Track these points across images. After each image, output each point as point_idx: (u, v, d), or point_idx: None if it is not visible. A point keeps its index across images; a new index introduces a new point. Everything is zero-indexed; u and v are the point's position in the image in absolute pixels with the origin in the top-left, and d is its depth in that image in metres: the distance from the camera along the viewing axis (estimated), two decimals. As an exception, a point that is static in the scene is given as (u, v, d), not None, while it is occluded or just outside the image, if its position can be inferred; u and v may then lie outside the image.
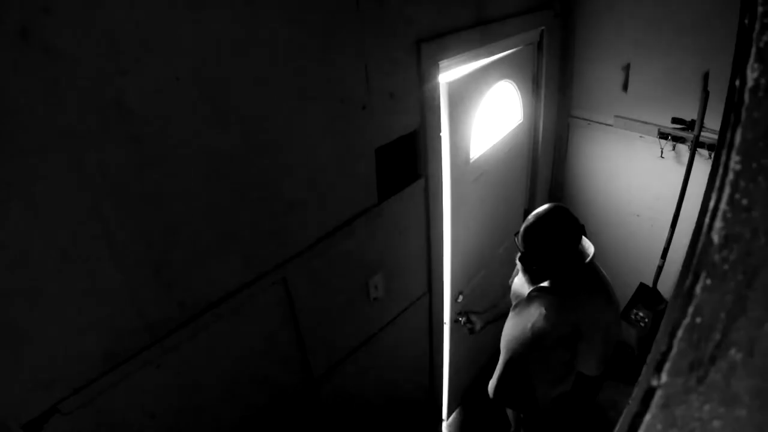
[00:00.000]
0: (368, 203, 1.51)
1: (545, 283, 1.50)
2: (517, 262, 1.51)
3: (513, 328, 1.64)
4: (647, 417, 0.36)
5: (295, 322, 1.41)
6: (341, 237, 1.44)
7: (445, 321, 2.14)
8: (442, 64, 1.56)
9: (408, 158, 1.62)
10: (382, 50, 1.34)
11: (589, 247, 1.49)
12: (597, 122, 2.35)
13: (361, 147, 1.40)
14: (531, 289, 1.53)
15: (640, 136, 2.20)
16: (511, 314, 1.68)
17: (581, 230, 1.44)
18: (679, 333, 0.33)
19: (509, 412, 2.04)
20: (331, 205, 1.39)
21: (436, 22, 1.49)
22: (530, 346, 1.54)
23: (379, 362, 1.87)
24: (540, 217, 1.41)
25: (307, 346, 1.48)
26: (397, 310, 1.85)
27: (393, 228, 1.66)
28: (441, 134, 1.68)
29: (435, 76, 1.55)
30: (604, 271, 1.51)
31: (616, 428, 0.42)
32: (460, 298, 2.14)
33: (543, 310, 1.49)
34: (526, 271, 1.49)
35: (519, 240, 1.45)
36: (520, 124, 2.24)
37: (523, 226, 1.44)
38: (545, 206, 1.45)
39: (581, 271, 1.44)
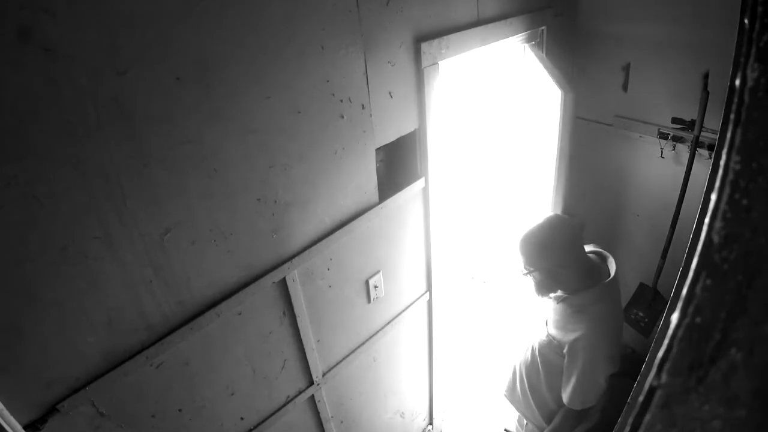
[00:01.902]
0: (368, 203, 1.51)
1: (553, 295, 1.45)
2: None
3: (531, 331, 1.65)
4: (647, 417, 0.36)
5: (293, 322, 1.41)
6: (341, 236, 1.44)
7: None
8: (442, 64, 1.56)
9: (408, 158, 1.62)
10: (381, 49, 1.34)
11: (609, 268, 1.43)
12: (597, 122, 2.35)
13: (361, 146, 1.40)
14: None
15: (640, 136, 2.20)
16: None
17: (577, 241, 1.38)
18: (679, 333, 0.33)
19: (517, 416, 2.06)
20: (331, 205, 1.39)
21: (436, 21, 1.49)
22: (530, 351, 1.54)
23: (379, 362, 1.87)
24: (533, 226, 1.40)
25: (306, 345, 1.48)
26: (397, 310, 1.85)
27: (393, 228, 1.66)
28: (442, 134, 1.68)
29: (435, 76, 1.55)
30: (617, 300, 1.43)
31: (616, 427, 0.42)
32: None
33: (546, 318, 1.49)
34: (532, 279, 1.45)
35: (517, 253, 1.42)
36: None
37: (520, 234, 1.43)
38: (543, 216, 1.42)
39: (594, 291, 1.37)
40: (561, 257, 1.35)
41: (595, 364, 1.34)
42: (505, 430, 1.90)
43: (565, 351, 1.37)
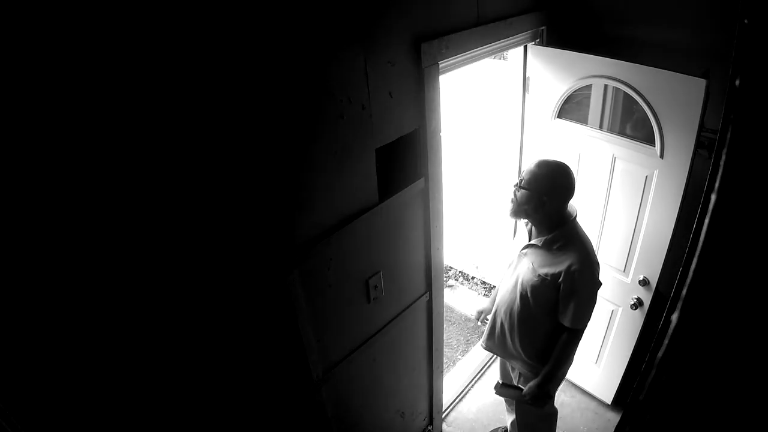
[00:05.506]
0: (368, 203, 1.51)
1: (534, 241, 1.65)
2: (512, 188, 1.63)
3: (504, 284, 1.79)
4: (648, 416, 0.36)
5: (293, 322, 1.41)
6: (341, 236, 1.44)
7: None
8: (442, 64, 1.56)
9: (408, 158, 1.62)
10: (381, 49, 1.34)
11: (575, 209, 1.66)
12: (597, 122, 2.34)
13: (361, 146, 1.40)
14: (522, 247, 1.70)
15: (640, 136, 2.19)
16: (504, 274, 1.83)
17: (572, 190, 1.57)
18: (679, 333, 0.33)
19: (506, 403, 2.10)
20: (331, 205, 1.39)
21: (436, 22, 1.49)
22: (519, 298, 1.67)
23: (379, 362, 1.87)
24: (551, 158, 1.60)
25: (306, 346, 1.48)
26: (397, 310, 1.85)
27: (393, 228, 1.65)
28: (441, 134, 1.68)
29: (435, 76, 1.55)
30: (585, 233, 1.66)
31: (616, 427, 0.42)
32: None
33: (530, 264, 1.64)
34: (513, 200, 1.62)
35: (523, 172, 1.60)
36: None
37: (534, 162, 1.60)
38: (555, 159, 1.60)
39: (567, 228, 1.59)
40: (556, 192, 1.55)
41: (590, 284, 1.58)
42: (498, 383, 1.95)
43: (560, 280, 1.56)
